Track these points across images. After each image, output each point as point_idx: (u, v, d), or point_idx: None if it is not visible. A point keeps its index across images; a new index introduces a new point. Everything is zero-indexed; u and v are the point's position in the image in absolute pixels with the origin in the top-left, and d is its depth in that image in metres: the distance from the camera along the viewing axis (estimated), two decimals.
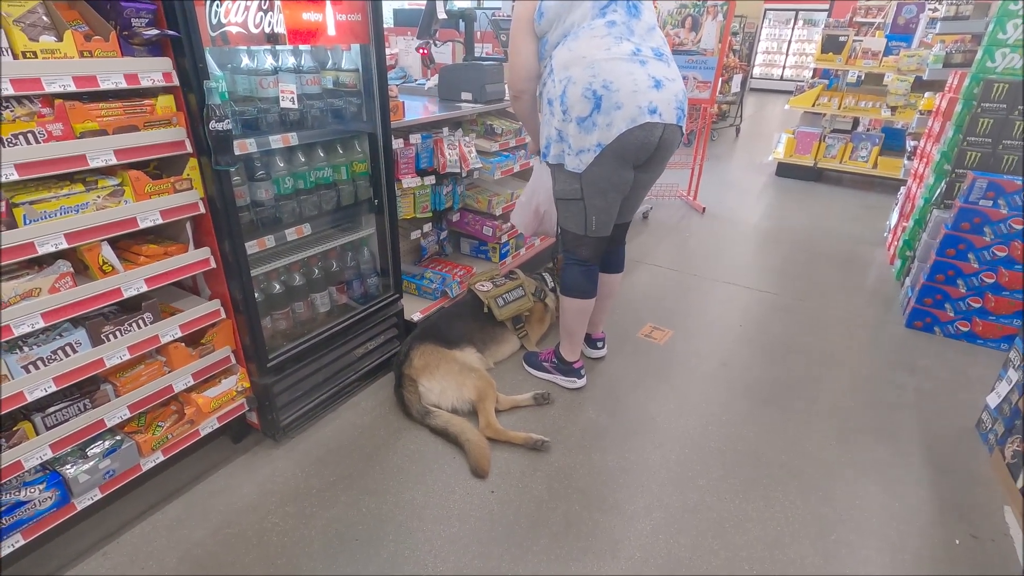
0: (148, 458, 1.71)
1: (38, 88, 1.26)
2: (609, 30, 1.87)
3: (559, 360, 2.40)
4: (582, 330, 2.34)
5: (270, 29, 1.66)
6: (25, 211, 1.31)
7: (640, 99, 1.84)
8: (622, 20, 1.88)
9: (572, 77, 1.86)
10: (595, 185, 1.98)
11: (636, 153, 1.93)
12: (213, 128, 1.49)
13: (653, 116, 1.86)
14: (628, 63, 1.84)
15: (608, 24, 1.88)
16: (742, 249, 4.10)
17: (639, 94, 1.83)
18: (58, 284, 1.40)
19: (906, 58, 5.20)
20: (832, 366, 2.66)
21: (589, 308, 2.28)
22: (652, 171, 2.08)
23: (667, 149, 2.00)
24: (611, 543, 1.71)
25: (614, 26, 1.87)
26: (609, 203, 2.04)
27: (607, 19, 1.88)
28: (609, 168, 1.94)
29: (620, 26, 1.88)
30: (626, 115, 1.84)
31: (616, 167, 1.95)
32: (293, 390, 2.04)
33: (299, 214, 2.02)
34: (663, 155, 2.02)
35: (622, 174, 1.98)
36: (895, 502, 1.90)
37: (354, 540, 1.69)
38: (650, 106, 1.85)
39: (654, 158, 1.99)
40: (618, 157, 1.92)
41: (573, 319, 2.30)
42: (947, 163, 3.19)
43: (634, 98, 1.83)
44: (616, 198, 2.04)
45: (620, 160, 1.93)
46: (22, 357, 1.38)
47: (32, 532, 1.49)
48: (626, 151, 1.91)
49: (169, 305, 1.78)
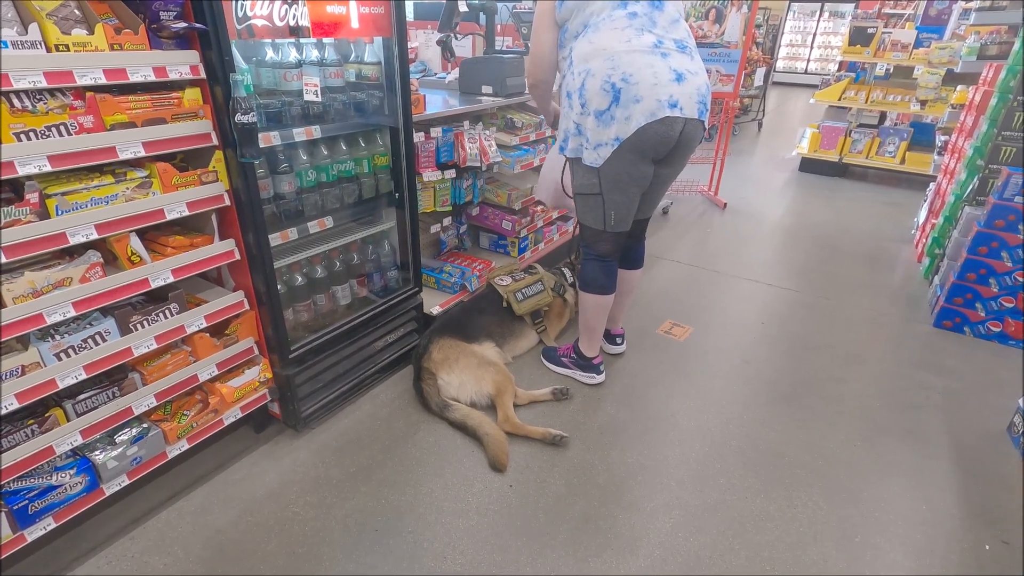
0: (174, 446, 1.74)
1: (70, 81, 1.28)
2: (630, 21, 1.84)
3: (578, 355, 2.39)
4: (601, 326, 2.33)
5: (294, 22, 1.67)
6: (57, 202, 1.34)
7: (660, 92, 1.80)
8: (644, 11, 1.84)
9: (591, 70, 1.84)
10: (614, 180, 1.95)
11: (656, 148, 1.89)
12: (239, 121, 1.50)
13: (673, 110, 1.82)
14: (649, 55, 1.81)
15: (629, 15, 1.84)
16: (764, 245, 4.04)
17: (659, 87, 1.79)
18: (88, 274, 1.43)
19: (937, 50, 5.06)
20: (857, 365, 2.60)
21: (608, 304, 2.26)
22: (673, 166, 2.04)
23: (688, 144, 1.96)
24: (630, 540, 1.70)
25: (636, 17, 1.84)
26: (628, 198, 2.01)
27: (628, 10, 1.84)
28: (627, 162, 1.91)
29: (642, 17, 1.84)
30: (645, 108, 1.81)
31: (635, 161, 1.91)
32: (314, 381, 2.06)
33: (321, 207, 2.03)
34: (684, 150, 1.98)
35: (641, 169, 1.94)
36: (922, 505, 1.85)
37: (374, 531, 1.71)
38: (670, 100, 1.81)
39: (675, 153, 1.96)
40: (637, 151, 1.89)
41: (592, 315, 2.28)
42: (980, 158, 3.09)
43: (654, 91, 1.79)
44: (636, 193, 2.02)
45: (639, 154, 1.90)
46: (54, 345, 1.42)
47: (63, 516, 1.53)
48: (645, 145, 1.87)
49: (194, 296, 1.80)
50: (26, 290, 1.33)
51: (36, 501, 1.46)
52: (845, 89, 5.88)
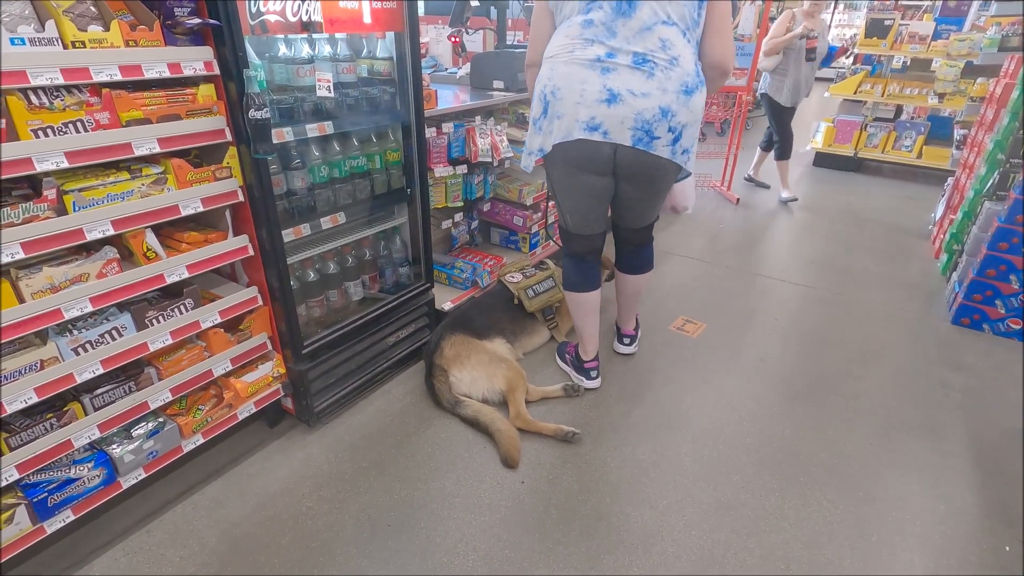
0: (189, 440, 1.75)
1: (86, 77, 1.29)
2: (583, 30, 1.70)
3: (575, 356, 2.37)
4: (587, 326, 2.25)
5: (307, 17, 1.67)
6: (74, 198, 1.35)
7: (581, 113, 1.71)
8: (603, 19, 1.68)
9: (541, 75, 1.81)
10: (558, 184, 1.95)
11: (591, 165, 1.82)
12: (252, 117, 1.51)
13: (592, 134, 1.72)
14: (585, 70, 1.69)
15: (584, 24, 1.70)
16: (777, 241, 3.99)
17: (581, 107, 1.70)
18: (105, 270, 1.44)
19: (957, 42, 4.95)
20: (873, 362, 2.57)
21: (588, 303, 2.20)
22: (635, 186, 1.91)
23: (637, 170, 1.81)
24: (643, 537, 1.69)
25: (590, 26, 1.69)
26: (579, 205, 1.97)
27: (587, 16, 1.70)
28: (562, 172, 1.89)
29: (597, 27, 1.68)
30: (561, 127, 1.76)
31: (571, 173, 1.87)
32: (327, 377, 2.07)
33: (334, 203, 2.03)
34: (638, 174, 1.83)
35: (583, 179, 1.87)
36: (940, 504, 1.83)
37: (387, 526, 1.71)
38: (590, 122, 1.71)
39: (630, 175, 1.84)
40: (569, 164, 1.84)
41: (574, 313, 2.27)
42: (1001, 152, 3.03)
43: (574, 110, 1.72)
44: (588, 202, 1.95)
45: (574, 167, 1.85)
46: (72, 340, 1.43)
47: (81, 508, 1.55)
48: (571, 161, 1.83)
49: (208, 291, 1.82)
50: (44, 285, 1.35)
51: (55, 494, 1.48)
52: (861, 82, 5.79)
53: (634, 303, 2.43)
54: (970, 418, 2.22)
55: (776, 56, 4.24)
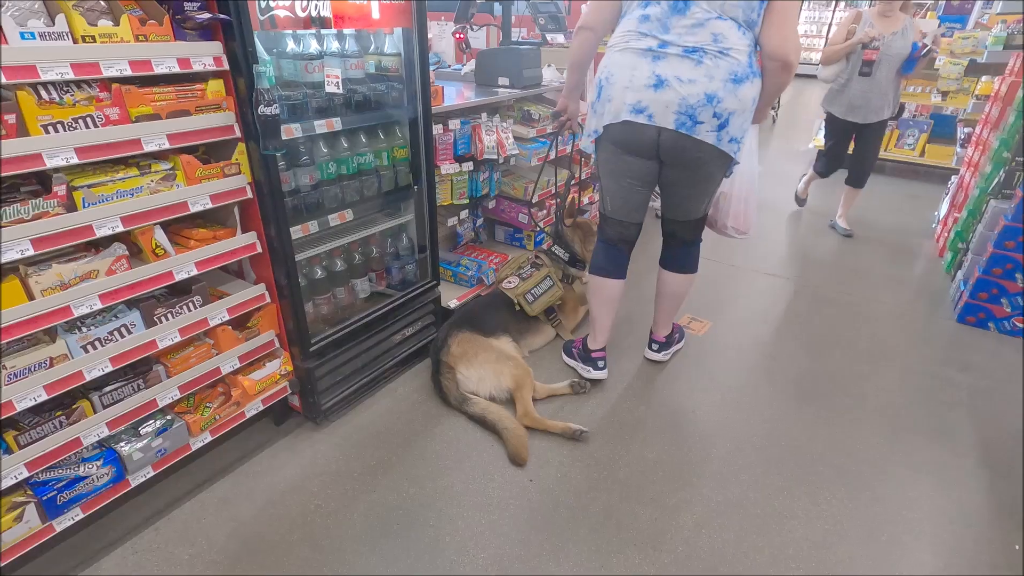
0: (197, 438, 1.75)
1: (96, 72, 1.27)
2: (639, 24, 1.80)
3: (584, 346, 2.37)
4: (602, 317, 2.28)
5: (316, 12, 1.65)
6: (84, 194, 1.34)
7: (628, 96, 1.81)
8: (659, 15, 1.77)
9: (601, 63, 1.92)
10: (604, 166, 2.05)
11: (635, 147, 1.91)
12: (262, 113, 1.49)
13: (637, 116, 1.82)
14: (636, 57, 1.80)
15: (641, 19, 1.80)
16: (781, 239, 3.99)
17: (629, 91, 1.81)
18: (114, 267, 1.43)
19: (960, 40, 4.94)
20: (880, 361, 2.57)
21: (607, 289, 2.23)
22: (680, 172, 1.95)
23: (678, 155, 1.86)
24: (653, 536, 1.69)
25: (646, 21, 1.79)
26: (622, 188, 2.05)
27: (644, 12, 1.79)
28: (610, 154, 2.00)
29: (652, 22, 1.78)
30: (612, 109, 1.87)
31: (618, 154, 1.97)
32: (334, 374, 2.06)
33: (341, 199, 2.02)
34: (682, 159, 1.88)
35: (629, 162, 1.97)
36: (950, 504, 1.83)
37: (396, 524, 1.71)
38: (636, 105, 1.81)
39: (674, 160, 1.90)
40: (617, 145, 1.95)
41: (594, 299, 2.29)
42: (1007, 150, 3.03)
43: (623, 94, 1.82)
44: (631, 185, 2.03)
45: (620, 149, 1.95)
46: (81, 337, 1.42)
47: (90, 506, 1.54)
48: (619, 143, 1.93)
49: (215, 288, 1.81)
50: (54, 282, 1.34)
51: (64, 492, 1.47)
52: None
53: (671, 306, 2.37)
54: (978, 418, 2.22)
55: (836, 65, 3.61)
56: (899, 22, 3.42)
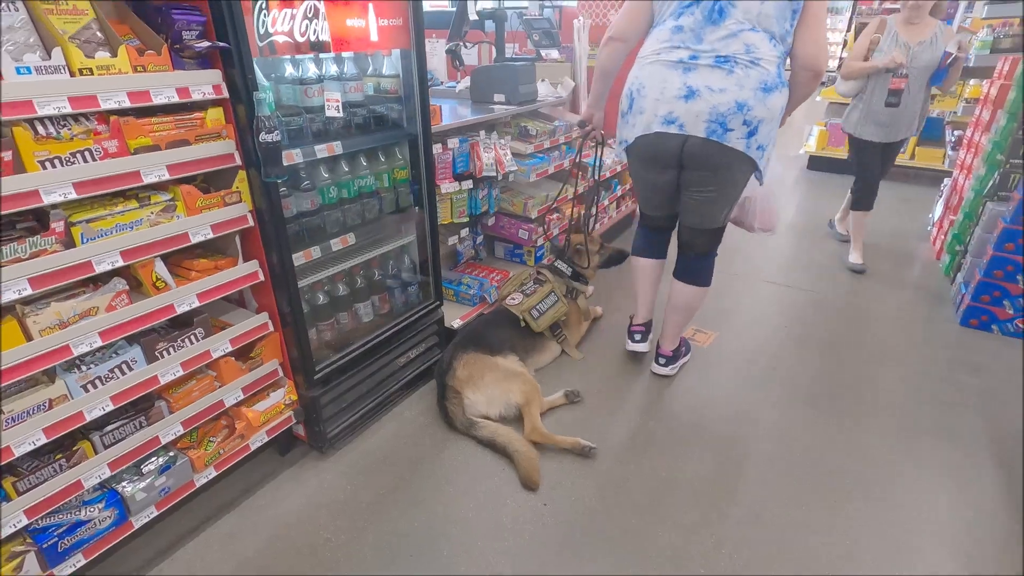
0: (201, 474, 1.70)
1: (94, 105, 1.24)
2: (672, 36, 1.84)
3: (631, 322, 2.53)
4: (642, 294, 2.45)
5: (315, 37, 1.63)
6: (82, 230, 1.30)
7: (660, 108, 1.86)
8: (692, 25, 1.80)
9: (631, 74, 1.96)
10: (633, 173, 2.19)
11: (657, 158, 1.97)
12: (263, 140, 1.47)
13: (668, 127, 1.87)
14: (668, 69, 1.84)
15: (674, 29, 1.84)
16: (779, 245, 3.99)
17: (660, 103, 1.86)
18: (114, 302, 1.39)
19: None
20: (886, 365, 2.56)
21: (643, 267, 2.40)
22: (699, 176, 1.95)
23: (703, 161, 1.89)
24: (672, 557, 1.65)
25: (679, 32, 1.83)
26: (646, 192, 2.20)
27: (678, 23, 1.83)
28: (636, 164, 2.10)
29: (686, 32, 1.81)
30: (643, 121, 1.92)
31: (641, 165, 2.07)
32: (339, 401, 2.02)
33: (343, 223, 1.99)
34: (701, 165, 1.91)
35: (650, 173, 2.06)
36: (967, 509, 1.81)
37: (407, 554, 1.66)
38: (668, 116, 1.86)
39: (693, 165, 1.93)
40: (639, 158, 2.04)
41: (634, 277, 2.47)
42: (1000, 153, 3.05)
43: (655, 106, 1.87)
44: (652, 193, 2.15)
45: (644, 161, 2.04)
46: (81, 376, 1.38)
47: (92, 551, 1.48)
48: (644, 155, 2.01)
49: (217, 319, 1.76)
50: (52, 321, 1.29)
51: (66, 538, 1.41)
52: None
53: (681, 319, 2.36)
54: (989, 420, 2.21)
55: (857, 82, 3.23)
56: (928, 29, 3.00)
